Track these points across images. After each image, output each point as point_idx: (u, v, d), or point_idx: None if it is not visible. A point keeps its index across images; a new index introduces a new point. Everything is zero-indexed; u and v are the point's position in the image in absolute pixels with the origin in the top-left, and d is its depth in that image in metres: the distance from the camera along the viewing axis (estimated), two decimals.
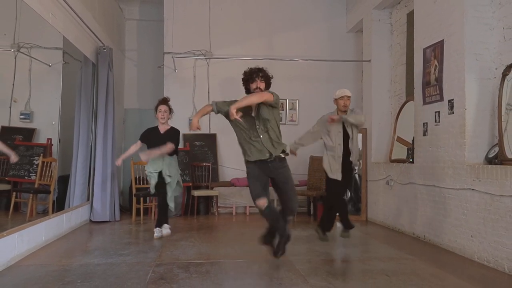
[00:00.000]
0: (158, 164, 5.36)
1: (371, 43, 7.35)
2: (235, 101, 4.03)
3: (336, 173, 5.05)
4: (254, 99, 3.95)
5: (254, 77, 4.07)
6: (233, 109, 3.82)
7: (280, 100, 4.27)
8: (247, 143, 4.08)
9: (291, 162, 8.01)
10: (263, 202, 4.00)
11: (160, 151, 5.22)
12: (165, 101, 5.53)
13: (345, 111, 5.09)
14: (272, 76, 4.22)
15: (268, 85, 4.16)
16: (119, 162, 5.56)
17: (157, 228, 5.43)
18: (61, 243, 5.18)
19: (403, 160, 6.27)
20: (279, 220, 4.12)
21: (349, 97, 5.11)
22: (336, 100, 5.18)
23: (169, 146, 5.25)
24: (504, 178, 4.03)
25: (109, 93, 6.82)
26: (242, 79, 4.19)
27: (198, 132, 4.50)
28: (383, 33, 7.31)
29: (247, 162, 4.17)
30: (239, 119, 3.92)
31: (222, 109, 4.13)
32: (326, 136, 5.17)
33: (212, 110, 4.20)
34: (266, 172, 4.10)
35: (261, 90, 4.05)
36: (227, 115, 4.03)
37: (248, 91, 4.15)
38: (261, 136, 4.03)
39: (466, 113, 4.71)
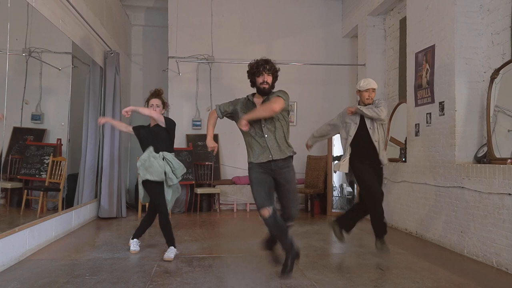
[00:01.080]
0: (158, 163, 4.25)
1: (366, 48, 7.35)
2: (237, 100, 3.81)
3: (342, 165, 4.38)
4: (266, 114, 3.51)
5: (260, 70, 3.60)
6: (244, 122, 3.49)
7: None
8: (252, 141, 3.63)
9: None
10: (267, 212, 3.49)
11: (148, 111, 4.34)
12: (157, 93, 4.58)
13: (369, 104, 4.33)
14: (279, 68, 3.76)
15: (275, 78, 3.69)
16: (101, 121, 4.67)
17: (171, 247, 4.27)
18: (70, 238, 5.18)
19: (396, 159, 6.27)
20: (283, 232, 3.57)
21: (374, 89, 4.31)
22: (360, 92, 4.36)
23: (158, 111, 4.39)
24: (492, 176, 4.03)
25: (116, 95, 6.82)
26: (248, 71, 3.72)
27: (214, 149, 3.77)
28: (377, 38, 7.32)
29: (250, 163, 3.68)
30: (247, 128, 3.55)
31: (226, 111, 3.83)
32: (342, 130, 4.49)
33: (218, 117, 3.85)
34: (269, 172, 3.59)
35: (268, 85, 3.62)
36: (232, 116, 3.83)
37: (254, 84, 3.71)
38: (266, 136, 3.57)
39: (456, 114, 4.71)
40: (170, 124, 4.45)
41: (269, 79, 3.63)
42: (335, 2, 8.58)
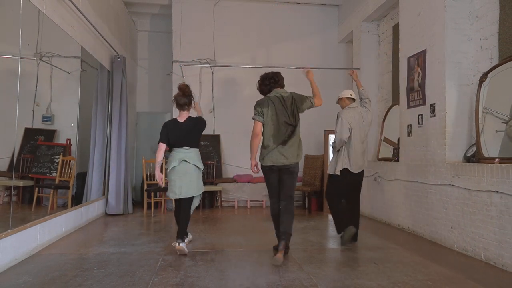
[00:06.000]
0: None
1: (360, 53, 7.34)
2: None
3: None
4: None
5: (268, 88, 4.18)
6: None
7: None
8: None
9: None
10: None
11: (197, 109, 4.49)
12: (185, 100, 4.35)
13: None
14: (280, 73, 4.27)
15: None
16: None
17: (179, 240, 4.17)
18: (79, 234, 5.18)
19: (389, 158, 6.27)
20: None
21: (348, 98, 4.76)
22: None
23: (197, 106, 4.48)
24: (480, 175, 4.03)
25: (122, 98, 6.82)
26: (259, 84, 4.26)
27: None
28: (371, 44, 7.32)
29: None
30: None
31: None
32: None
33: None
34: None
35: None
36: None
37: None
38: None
39: (446, 116, 4.71)
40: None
41: None
42: (331, 9, 8.58)
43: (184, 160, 4.22)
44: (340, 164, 4.55)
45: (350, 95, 4.75)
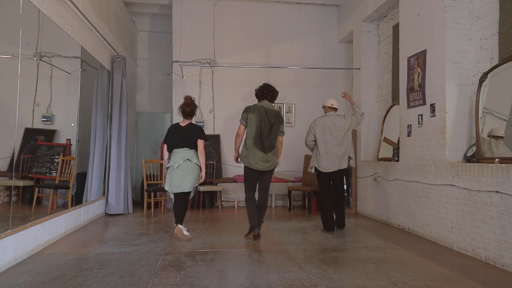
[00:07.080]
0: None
1: (360, 53, 7.34)
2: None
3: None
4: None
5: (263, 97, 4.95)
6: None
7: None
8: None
9: (289, 160, 8.01)
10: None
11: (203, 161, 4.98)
12: (189, 111, 4.99)
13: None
14: (277, 92, 5.01)
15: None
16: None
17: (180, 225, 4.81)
18: (79, 234, 5.18)
19: (389, 158, 6.27)
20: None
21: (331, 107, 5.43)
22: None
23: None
24: (480, 175, 4.03)
25: (122, 97, 6.82)
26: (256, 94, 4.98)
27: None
28: (371, 43, 7.32)
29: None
30: None
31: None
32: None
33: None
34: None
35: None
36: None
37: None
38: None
39: (446, 116, 4.71)
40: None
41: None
42: (331, 9, 8.58)
43: (188, 159, 4.82)
44: (311, 164, 5.37)
45: (332, 104, 5.39)
